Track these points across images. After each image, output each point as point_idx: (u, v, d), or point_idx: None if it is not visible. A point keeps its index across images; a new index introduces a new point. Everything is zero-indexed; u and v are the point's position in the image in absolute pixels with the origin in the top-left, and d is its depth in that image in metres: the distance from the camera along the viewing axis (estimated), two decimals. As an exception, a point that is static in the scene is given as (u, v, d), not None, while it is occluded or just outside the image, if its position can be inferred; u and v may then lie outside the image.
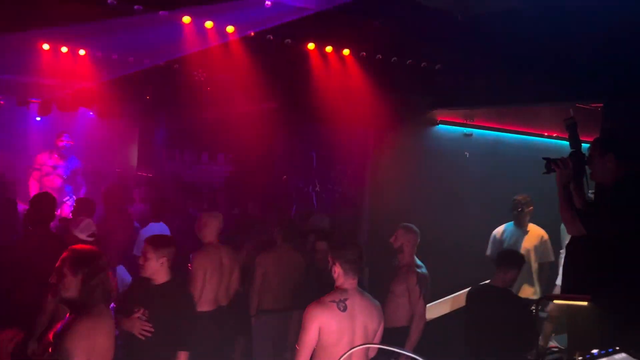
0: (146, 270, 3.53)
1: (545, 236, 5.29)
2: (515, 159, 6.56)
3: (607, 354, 1.78)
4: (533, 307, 3.70)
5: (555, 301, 2.92)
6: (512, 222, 5.46)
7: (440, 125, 6.31)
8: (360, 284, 3.32)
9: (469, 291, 4.10)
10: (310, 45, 5.13)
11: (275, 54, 5.15)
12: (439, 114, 6.19)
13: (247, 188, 7.07)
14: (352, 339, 3.14)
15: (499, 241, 5.38)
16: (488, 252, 5.43)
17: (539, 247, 5.25)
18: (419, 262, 4.36)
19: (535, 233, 5.29)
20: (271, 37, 4.79)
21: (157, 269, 3.51)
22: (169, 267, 3.57)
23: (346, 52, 5.24)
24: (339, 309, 3.16)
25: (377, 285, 4.78)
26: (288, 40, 4.95)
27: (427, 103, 5.84)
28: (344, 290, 3.21)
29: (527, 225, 5.32)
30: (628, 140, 3.29)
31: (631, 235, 2.99)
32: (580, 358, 1.96)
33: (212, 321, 4.30)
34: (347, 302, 3.17)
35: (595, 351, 1.76)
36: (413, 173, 5.91)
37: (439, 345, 4.43)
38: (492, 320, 3.72)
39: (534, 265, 5.26)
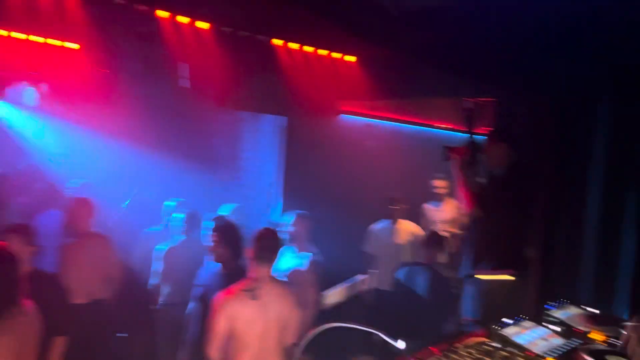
0: None
1: (418, 231, 5.34)
2: (413, 149, 6.95)
3: (516, 322, 2.21)
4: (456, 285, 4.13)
5: (481, 277, 3.24)
6: (387, 219, 5.37)
7: (343, 115, 6.52)
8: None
9: (400, 269, 4.55)
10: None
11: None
12: (343, 105, 6.39)
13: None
14: (265, 327, 3.20)
15: (375, 236, 5.34)
16: (365, 247, 5.36)
17: (411, 243, 5.25)
18: (313, 248, 4.51)
19: (407, 229, 5.34)
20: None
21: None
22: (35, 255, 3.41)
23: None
24: (250, 297, 3.21)
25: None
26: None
27: (333, 92, 6.00)
28: (256, 279, 3.27)
29: (400, 222, 5.32)
30: (518, 132, 3.67)
31: (519, 214, 3.40)
32: (495, 326, 2.24)
33: (88, 314, 4.10)
34: (258, 291, 3.22)
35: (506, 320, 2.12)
36: (318, 162, 6.06)
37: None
38: (419, 293, 4.27)
39: (405, 258, 5.14)
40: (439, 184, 6.19)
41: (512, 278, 2.86)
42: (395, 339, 1.91)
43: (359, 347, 4.67)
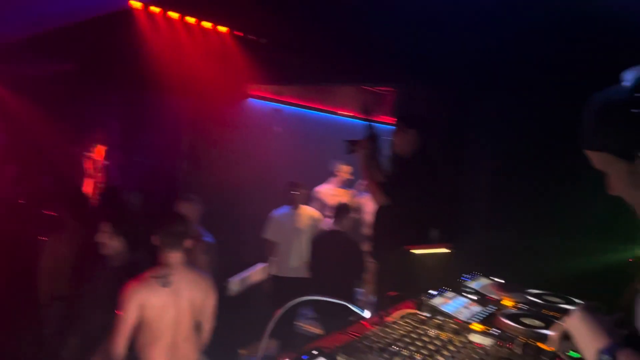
0: None
1: (318, 216, 5.36)
2: (320, 135, 7.03)
3: (441, 293, 2.37)
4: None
5: (416, 251, 3.34)
6: (288, 205, 5.39)
7: (252, 99, 6.40)
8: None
9: (315, 236, 5.00)
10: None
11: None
12: (252, 88, 6.27)
13: (32, 163, 6.19)
14: (178, 314, 3.06)
15: (275, 223, 5.29)
16: (265, 234, 5.25)
17: (312, 227, 5.29)
18: (204, 231, 4.49)
19: (308, 214, 5.32)
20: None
21: None
22: None
23: (174, 15, 4.89)
24: (161, 284, 3.04)
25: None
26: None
27: (242, 76, 5.86)
28: (167, 265, 3.10)
29: (301, 207, 5.31)
30: (423, 119, 3.82)
31: (425, 198, 3.56)
32: (424, 297, 2.30)
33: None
34: (170, 277, 3.07)
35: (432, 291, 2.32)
36: (227, 146, 5.91)
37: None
38: (333, 256, 4.74)
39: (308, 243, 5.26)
40: (341, 169, 6.35)
41: (448, 251, 2.98)
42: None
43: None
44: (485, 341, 1.96)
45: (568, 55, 3.84)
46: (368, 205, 6.28)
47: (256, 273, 5.60)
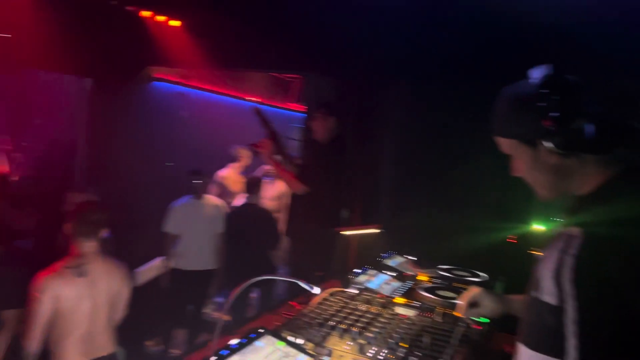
0: None
1: (222, 206, 5.12)
2: (227, 120, 6.96)
3: (364, 272, 2.55)
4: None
5: (347, 232, 3.47)
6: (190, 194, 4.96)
7: (155, 82, 6.16)
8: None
9: (230, 210, 5.07)
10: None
11: None
12: (155, 71, 6.03)
13: None
14: (94, 305, 2.94)
15: (176, 214, 4.85)
16: (166, 227, 4.81)
17: (216, 217, 4.97)
18: None
19: (212, 204, 5.02)
20: None
21: None
22: None
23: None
24: (76, 275, 2.90)
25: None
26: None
27: (145, 58, 5.62)
28: (81, 255, 2.96)
29: (204, 197, 5.00)
30: (342, 107, 3.98)
31: (341, 182, 3.74)
32: (350, 276, 2.44)
33: None
34: (85, 267, 2.93)
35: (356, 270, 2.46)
36: (129, 130, 5.63)
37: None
38: (249, 227, 4.90)
39: (213, 234, 4.95)
40: (243, 154, 6.35)
41: (377, 231, 3.14)
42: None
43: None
44: (409, 312, 2.16)
45: (469, 51, 4.17)
46: (268, 191, 6.38)
47: (154, 268, 5.35)
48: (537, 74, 1.33)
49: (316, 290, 1.78)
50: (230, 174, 6.31)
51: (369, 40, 4.74)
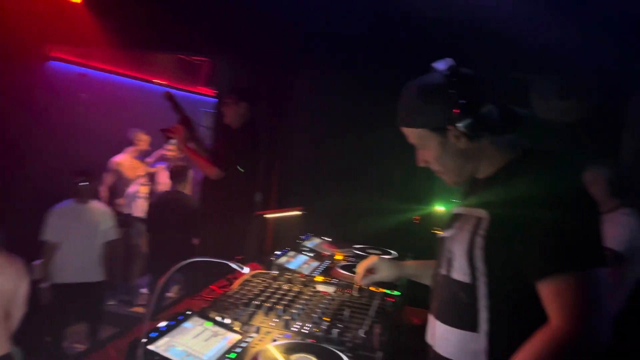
0: None
1: (109, 213, 4.48)
2: (130, 103, 6.67)
3: (284, 253, 2.63)
4: None
5: (268, 215, 3.50)
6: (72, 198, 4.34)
7: (53, 62, 5.73)
8: None
9: (155, 198, 5.20)
10: None
11: None
12: (54, 50, 5.61)
13: None
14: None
15: (56, 221, 4.19)
16: (43, 235, 4.15)
17: (101, 225, 4.36)
18: None
19: (97, 210, 4.38)
20: None
21: None
22: None
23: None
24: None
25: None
26: None
27: (42, 36, 5.20)
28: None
29: (89, 202, 4.34)
30: (254, 92, 3.97)
31: (253, 166, 3.78)
32: (272, 258, 2.51)
33: None
34: (-25, 264, 2.73)
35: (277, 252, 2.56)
36: (23, 113, 5.20)
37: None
38: (173, 216, 4.86)
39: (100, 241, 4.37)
40: (140, 138, 6.16)
41: (300, 213, 3.21)
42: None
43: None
44: (329, 289, 2.27)
45: (380, 40, 4.35)
46: (161, 176, 6.27)
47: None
48: (442, 66, 1.44)
49: (246, 269, 1.83)
50: (125, 160, 6.06)
51: (282, 24, 4.77)
